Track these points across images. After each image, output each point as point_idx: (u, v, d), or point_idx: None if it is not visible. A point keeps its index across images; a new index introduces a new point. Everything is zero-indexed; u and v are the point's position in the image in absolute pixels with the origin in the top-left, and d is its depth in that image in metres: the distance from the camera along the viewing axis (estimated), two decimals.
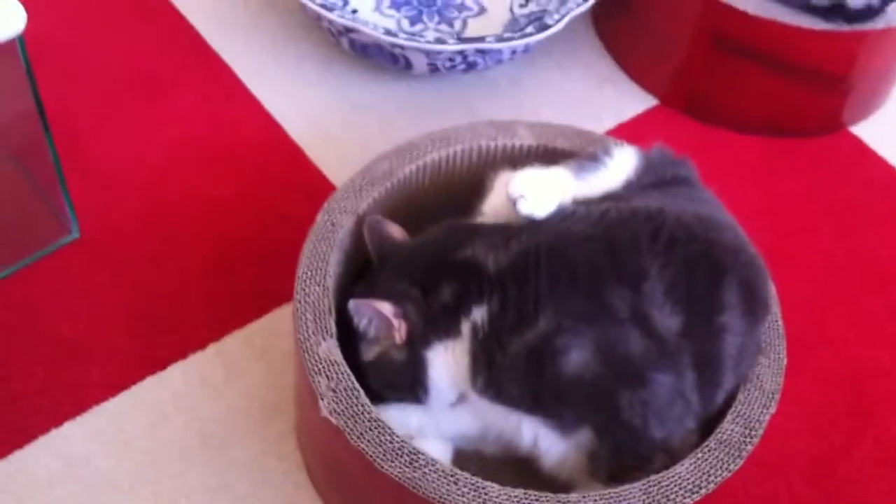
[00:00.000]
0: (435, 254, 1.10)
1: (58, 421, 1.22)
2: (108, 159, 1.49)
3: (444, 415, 1.14)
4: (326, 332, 1.08)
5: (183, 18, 1.69)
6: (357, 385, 1.05)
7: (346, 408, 1.03)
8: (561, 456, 1.09)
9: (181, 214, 1.44)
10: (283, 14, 1.71)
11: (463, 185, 1.27)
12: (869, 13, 1.49)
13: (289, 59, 1.65)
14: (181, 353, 1.29)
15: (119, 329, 1.31)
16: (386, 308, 1.07)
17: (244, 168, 1.51)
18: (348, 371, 1.06)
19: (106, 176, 1.47)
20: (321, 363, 1.06)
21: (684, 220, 1.08)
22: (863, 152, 1.65)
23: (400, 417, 1.13)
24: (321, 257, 1.14)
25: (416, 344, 1.08)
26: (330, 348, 1.07)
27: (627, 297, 1.02)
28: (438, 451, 1.14)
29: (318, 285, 1.11)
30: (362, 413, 1.03)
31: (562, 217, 1.08)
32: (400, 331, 1.08)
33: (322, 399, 1.04)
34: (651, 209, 1.09)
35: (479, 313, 1.04)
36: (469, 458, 1.19)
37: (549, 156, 1.27)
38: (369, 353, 1.11)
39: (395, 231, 1.17)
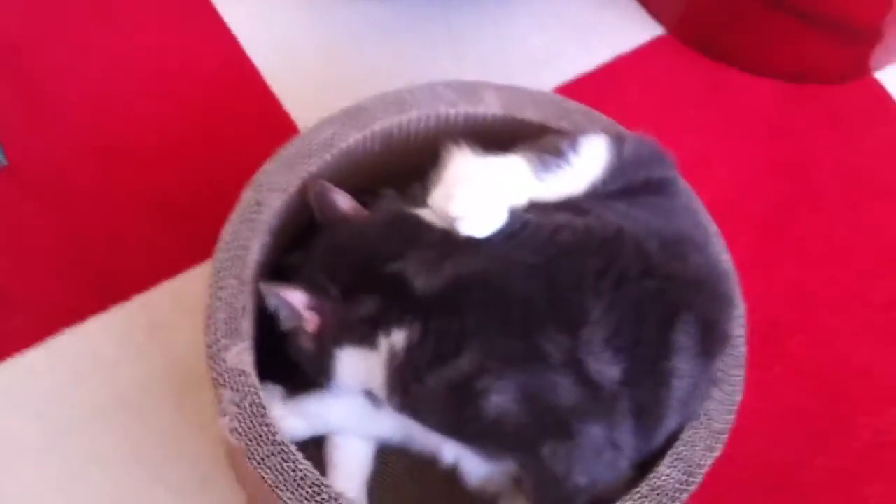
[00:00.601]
0: (365, 257, 0.99)
1: None
2: (52, 82, 1.35)
3: (365, 417, 1.06)
4: (238, 335, 0.99)
5: None
6: (264, 402, 0.96)
7: (250, 428, 0.95)
8: (484, 476, 1.02)
9: (125, 147, 1.32)
10: None
11: (419, 153, 1.13)
12: None
13: None
14: (103, 303, 1.21)
15: (43, 272, 1.22)
16: (297, 298, 0.97)
17: (199, 98, 1.37)
18: (256, 384, 0.97)
19: (47, 100, 1.34)
20: (228, 372, 0.97)
21: (644, 249, 0.96)
22: (885, 106, 1.48)
23: (320, 412, 1.06)
24: (241, 244, 1.02)
25: (327, 340, 0.99)
26: (240, 354, 0.98)
27: (563, 343, 0.91)
28: (358, 450, 1.09)
29: (235, 278, 1.01)
30: (266, 435, 0.94)
31: (507, 234, 0.96)
32: (311, 323, 0.98)
33: (224, 415, 0.95)
34: (608, 233, 0.96)
35: (398, 337, 0.94)
36: (397, 455, 1.12)
37: (515, 127, 1.14)
38: (286, 324, 1.01)
39: (343, 201, 1.05)
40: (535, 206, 0.99)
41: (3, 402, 1.14)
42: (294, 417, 1.04)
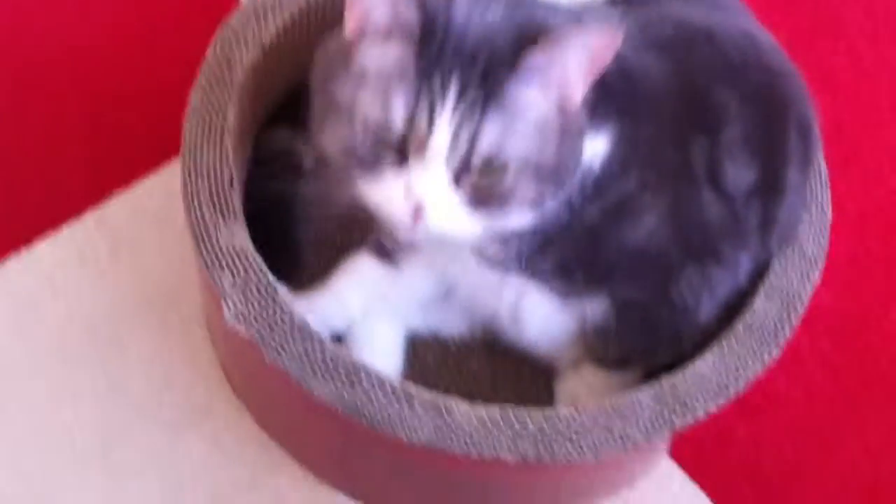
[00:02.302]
0: None
1: None
2: None
3: (393, 287, 0.92)
4: (227, 211, 0.81)
5: None
6: (273, 280, 0.79)
7: (260, 311, 0.78)
8: (550, 327, 0.88)
9: (43, 45, 1.12)
10: None
11: None
12: None
13: None
14: (51, 223, 1.02)
15: None
16: None
17: None
18: (260, 262, 0.80)
19: None
20: (223, 255, 0.80)
21: (737, 41, 0.83)
22: None
23: (338, 303, 0.92)
24: (216, 108, 0.85)
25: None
26: (233, 233, 0.81)
27: (705, 147, 0.79)
28: (388, 335, 0.94)
29: (214, 148, 0.83)
30: (281, 318, 0.78)
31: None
32: None
33: (227, 302, 0.78)
34: (698, 25, 0.83)
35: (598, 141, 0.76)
36: (427, 346, 0.97)
37: None
38: None
39: None
40: None
41: None
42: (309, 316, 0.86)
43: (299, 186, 0.96)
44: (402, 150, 0.68)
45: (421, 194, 0.68)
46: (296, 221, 0.97)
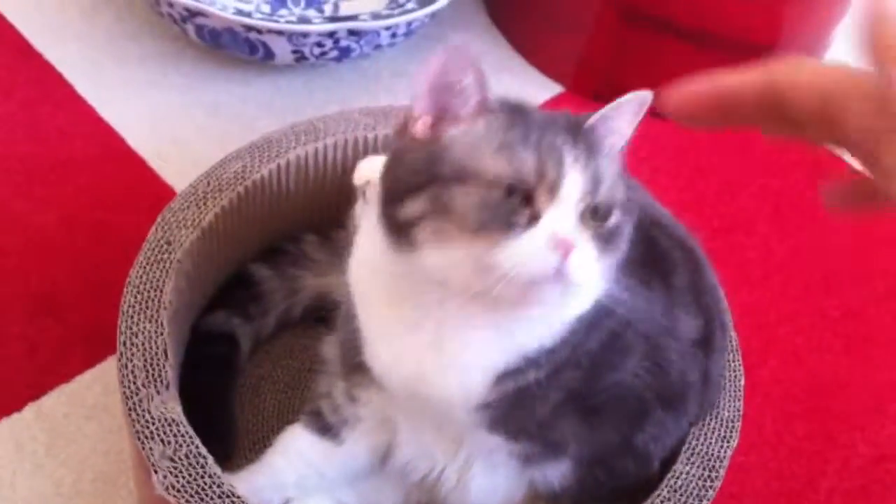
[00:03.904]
0: None
1: None
2: None
3: (326, 465, 0.90)
4: (161, 382, 0.83)
5: None
6: (204, 451, 0.80)
7: (189, 481, 0.78)
8: (496, 495, 0.87)
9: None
10: (121, 6, 1.45)
11: (336, 186, 1.04)
12: None
13: (127, 58, 1.39)
14: None
15: None
16: None
17: (74, 186, 1.24)
18: (191, 432, 0.81)
19: None
20: (154, 423, 0.81)
21: (656, 210, 0.91)
22: None
23: (272, 480, 0.90)
24: (153, 285, 0.88)
25: None
26: (166, 403, 0.82)
27: (661, 292, 0.83)
28: None
29: (150, 321, 0.86)
30: (210, 487, 0.78)
31: None
32: None
33: (156, 471, 0.78)
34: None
35: None
36: None
37: None
38: None
39: None
40: None
41: None
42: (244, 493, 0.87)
43: (236, 366, 0.99)
44: (532, 204, 0.68)
45: (568, 239, 0.67)
46: (232, 399, 0.99)
